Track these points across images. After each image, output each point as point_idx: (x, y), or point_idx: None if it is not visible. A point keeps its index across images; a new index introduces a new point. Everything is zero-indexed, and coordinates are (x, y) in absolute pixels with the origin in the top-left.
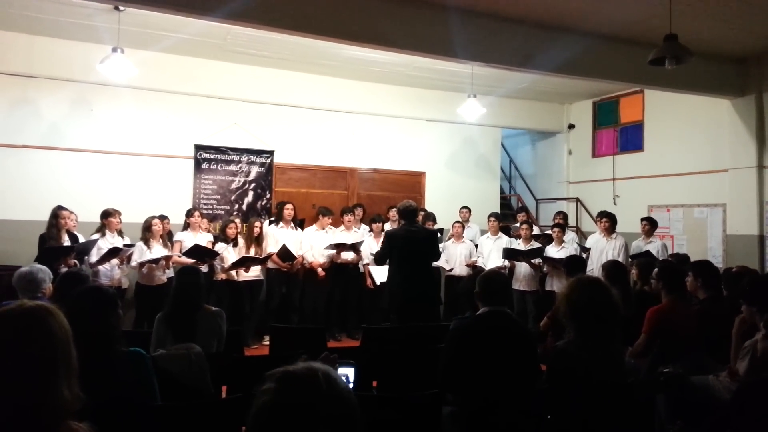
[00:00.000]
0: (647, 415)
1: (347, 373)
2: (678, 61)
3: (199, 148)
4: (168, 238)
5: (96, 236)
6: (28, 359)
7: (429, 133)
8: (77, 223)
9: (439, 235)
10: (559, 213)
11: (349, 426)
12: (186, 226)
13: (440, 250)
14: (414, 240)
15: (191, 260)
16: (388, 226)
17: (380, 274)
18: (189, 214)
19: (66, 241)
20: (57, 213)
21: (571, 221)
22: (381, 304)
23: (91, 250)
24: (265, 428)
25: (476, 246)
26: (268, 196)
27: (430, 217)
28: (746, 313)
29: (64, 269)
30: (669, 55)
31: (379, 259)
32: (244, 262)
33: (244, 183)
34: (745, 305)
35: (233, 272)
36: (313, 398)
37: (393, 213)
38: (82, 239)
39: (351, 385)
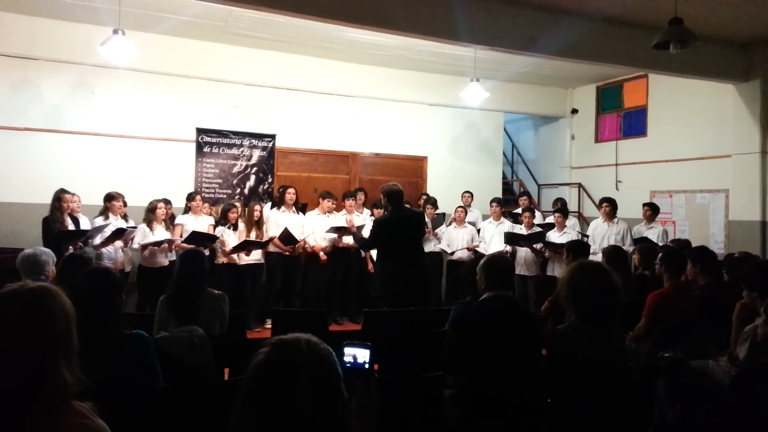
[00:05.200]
0: (647, 398)
1: (364, 355)
2: (683, 45)
3: (200, 131)
4: (170, 221)
5: (103, 222)
6: (28, 340)
7: (431, 117)
8: (80, 205)
9: (443, 218)
10: (558, 200)
11: (324, 374)
12: (187, 210)
13: (438, 233)
14: (405, 223)
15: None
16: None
17: None
18: (190, 198)
19: (69, 224)
20: (59, 196)
21: (574, 207)
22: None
23: (98, 235)
24: (259, 380)
25: (478, 231)
26: (269, 180)
27: (431, 201)
28: (747, 298)
29: (69, 250)
30: (674, 39)
31: (365, 245)
32: (245, 246)
33: (246, 167)
34: (745, 290)
35: (234, 256)
36: (295, 356)
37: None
38: (85, 221)
39: (366, 366)
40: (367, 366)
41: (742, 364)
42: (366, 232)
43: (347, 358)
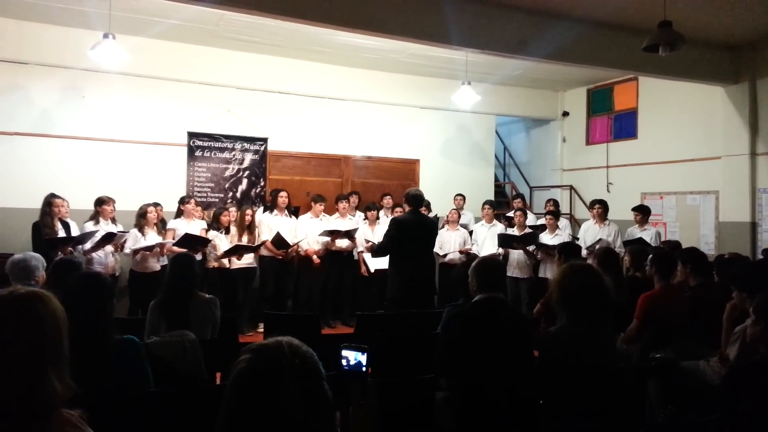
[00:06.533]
0: (638, 399)
1: (361, 357)
2: (672, 48)
3: (192, 135)
4: (161, 225)
5: (94, 228)
6: (17, 346)
7: (423, 120)
8: (69, 210)
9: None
10: (549, 200)
11: (310, 377)
12: (179, 214)
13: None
14: (422, 227)
15: (183, 249)
16: (382, 214)
17: (375, 261)
18: (184, 201)
19: (59, 229)
20: (50, 201)
21: (565, 209)
22: (375, 291)
23: (88, 240)
24: (241, 389)
25: (470, 233)
26: (262, 183)
27: (424, 203)
28: (737, 298)
29: (59, 256)
30: (663, 41)
31: (384, 249)
32: (237, 250)
33: (238, 171)
34: (735, 291)
35: (225, 260)
36: (279, 361)
37: (387, 200)
38: (74, 226)
39: (363, 368)
40: (364, 368)
41: (732, 364)
42: (358, 236)
43: (344, 361)
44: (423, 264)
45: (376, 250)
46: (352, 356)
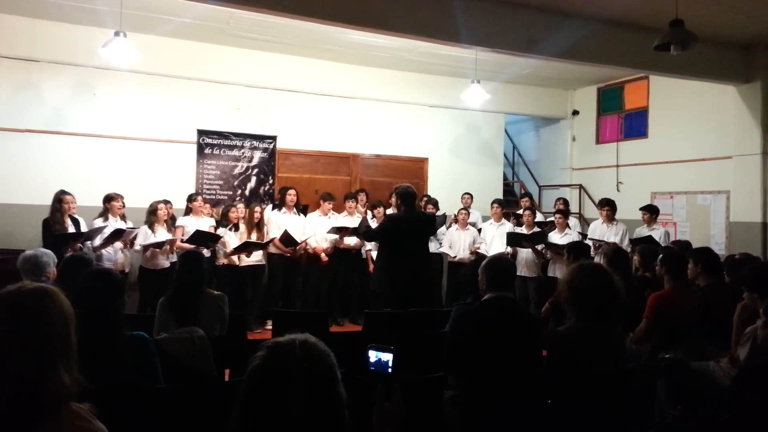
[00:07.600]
0: (647, 400)
1: (388, 358)
2: (683, 46)
3: (201, 133)
4: (171, 222)
5: (102, 224)
6: (25, 341)
7: (432, 118)
8: (77, 206)
9: (444, 219)
10: (559, 199)
11: (319, 377)
12: (188, 211)
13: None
14: (416, 224)
15: (194, 245)
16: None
17: None
18: (191, 198)
19: (69, 226)
20: (60, 198)
21: (575, 208)
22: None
23: (96, 236)
24: (254, 385)
25: (479, 231)
26: (270, 181)
27: (432, 201)
28: (747, 299)
29: (69, 253)
30: (674, 40)
31: (373, 235)
32: (246, 247)
33: (247, 168)
34: (746, 292)
35: (235, 257)
36: (289, 361)
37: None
38: (83, 223)
39: (389, 370)
40: (390, 370)
41: (742, 365)
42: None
43: (371, 361)
44: (414, 262)
45: (365, 232)
46: (379, 357)
